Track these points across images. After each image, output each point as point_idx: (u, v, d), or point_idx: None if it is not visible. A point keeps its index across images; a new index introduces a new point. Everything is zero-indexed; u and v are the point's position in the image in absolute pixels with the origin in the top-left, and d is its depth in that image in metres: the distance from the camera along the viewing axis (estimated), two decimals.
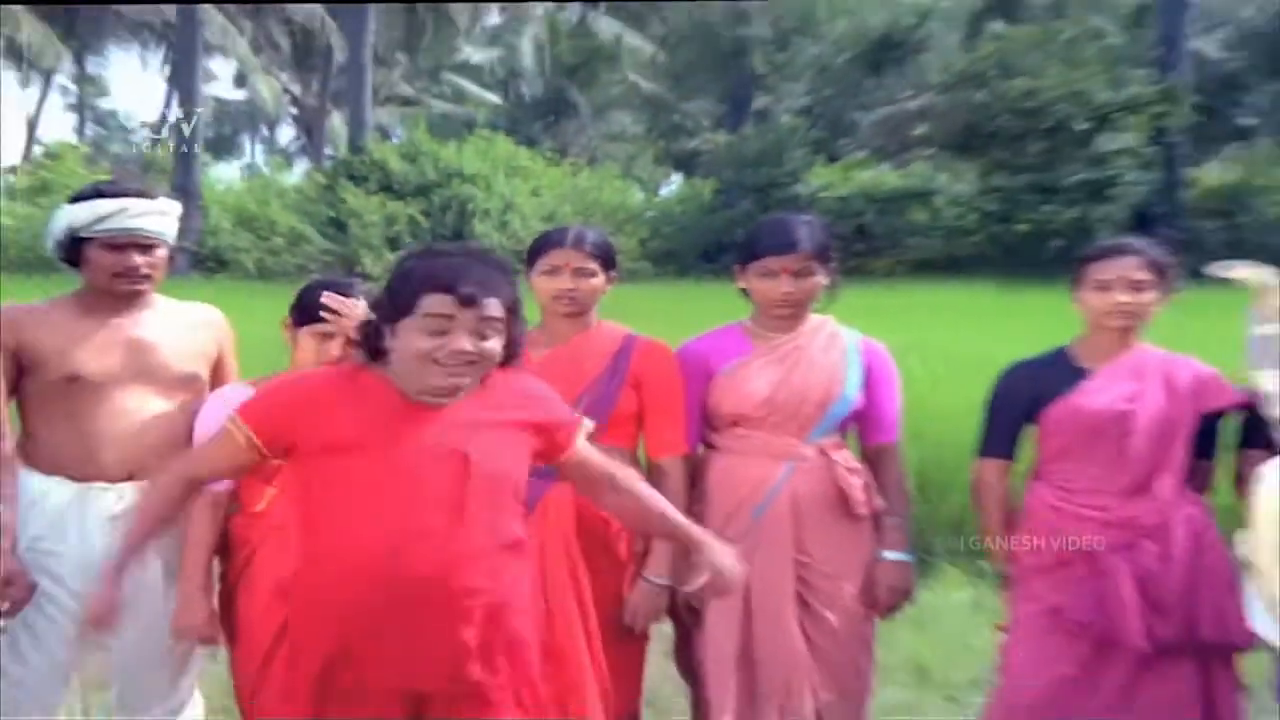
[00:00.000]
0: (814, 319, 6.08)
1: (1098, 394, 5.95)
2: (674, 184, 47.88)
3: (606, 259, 6.01)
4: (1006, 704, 6.01)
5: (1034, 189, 37.19)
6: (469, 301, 4.33)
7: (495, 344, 4.44)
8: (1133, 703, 5.88)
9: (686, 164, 49.86)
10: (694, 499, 5.96)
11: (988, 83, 38.52)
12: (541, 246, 6.03)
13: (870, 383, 6.06)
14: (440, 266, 4.39)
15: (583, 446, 4.85)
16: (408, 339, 4.36)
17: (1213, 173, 45.19)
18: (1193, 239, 33.44)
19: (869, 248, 36.52)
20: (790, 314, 6.01)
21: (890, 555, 6.02)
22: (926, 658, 8.74)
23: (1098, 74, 38.84)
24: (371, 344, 4.48)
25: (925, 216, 39.03)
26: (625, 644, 5.92)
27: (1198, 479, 6.03)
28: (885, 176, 41.51)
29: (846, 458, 6.03)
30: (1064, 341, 6.16)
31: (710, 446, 6.04)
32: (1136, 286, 5.93)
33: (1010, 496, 6.18)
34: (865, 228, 37.57)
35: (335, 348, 5.65)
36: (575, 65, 53.98)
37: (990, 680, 6.42)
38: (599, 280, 5.98)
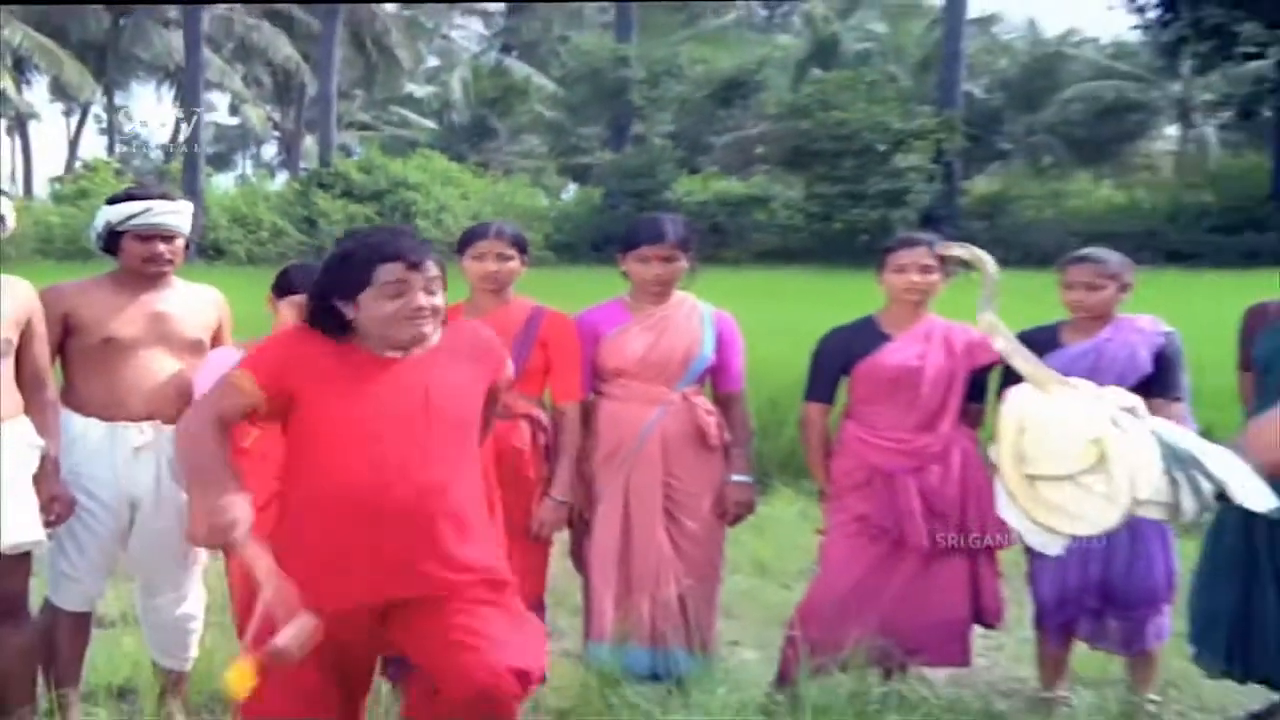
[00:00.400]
0: (678, 295, 6.10)
1: (896, 353, 5.97)
2: (571, 191, 47.78)
3: (521, 247, 6.03)
4: (825, 587, 6.03)
5: (846, 196, 37.39)
6: (417, 265, 4.16)
7: (442, 298, 4.26)
8: (919, 588, 5.93)
9: (581, 175, 49.79)
10: (587, 435, 5.98)
11: (810, 114, 38.65)
12: (470, 237, 6.04)
13: (721, 344, 6.07)
14: (382, 242, 4.22)
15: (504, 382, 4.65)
16: (372, 307, 4.15)
17: (980, 184, 45.59)
18: (966, 236, 33.58)
19: (721, 241, 36.56)
20: (660, 291, 6.02)
21: (737, 478, 6.05)
22: (765, 555, 8.78)
23: (894, 109, 39.10)
24: (334, 322, 4.23)
25: (764, 217, 39.14)
26: (533, 548, 5.90)
27: (970, 418, 6.07)
28: (733, 186, 41.63)
29: (704, 402, 6.05)
30: (870, 313, 6.17)
31: (599, 394, 6.03)
32: (925, 270, 5.95)
33: (829, 431, 6.20)
34: (719, 225, 37.62)
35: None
36: (494, 98, 53.86)
37: (813, 570, 6.44)
38: (515, 264, 5.98)
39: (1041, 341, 5.70)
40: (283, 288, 5.71)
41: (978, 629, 6.15)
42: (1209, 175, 43.37)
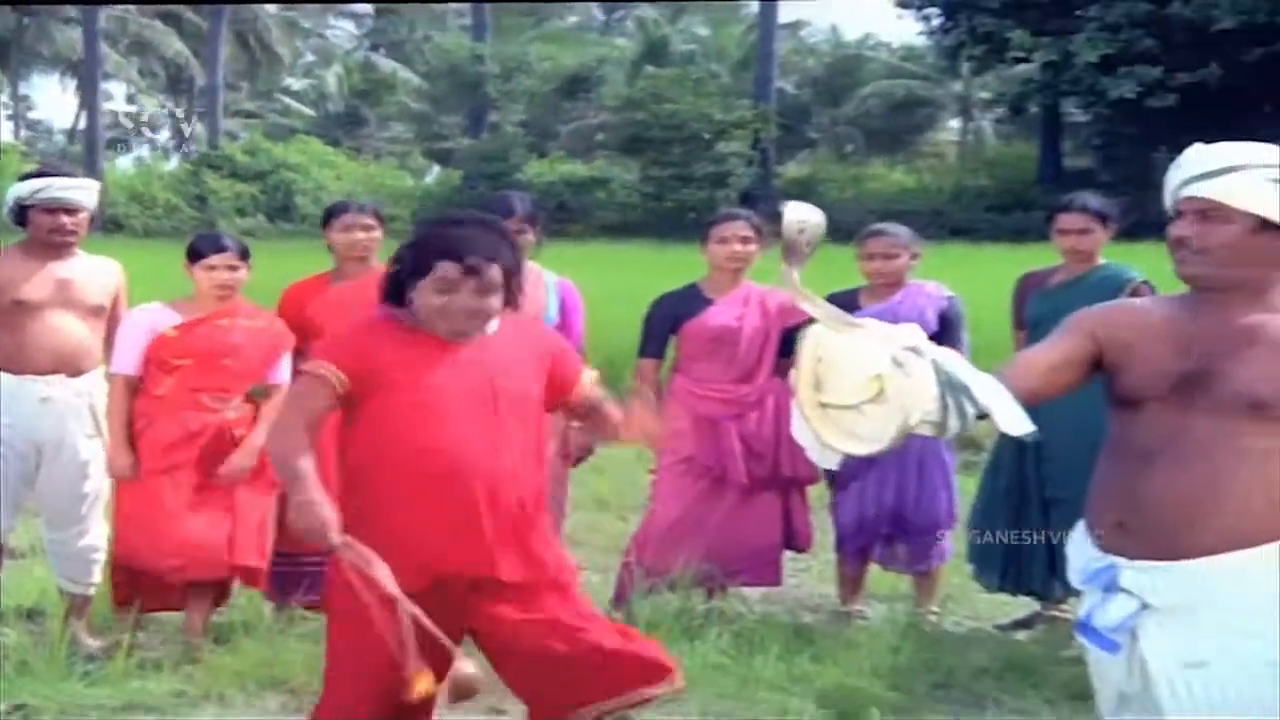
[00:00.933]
0: (527, 264, 6.01)
1: (717, 315, 6.01)
2: (434, 173, 47.26)
3: (380, 219, 6.00)
4: (656, 519, 6.08)
5: (676, 178, 37.43)
6: (472, 270, 3.71)
7: (495, 300, 3.80)
8: (738, 519, 6.00)
9: (443, 159, 49.32)
10: None
11: (644, 106, 38.62)
12: (334, 212, 6.05)
13: (564, 309, 6.05)
14: (453, 237, 3.79)
15: (588, 385, 4.20)
16: (423, 295, 3.76)
17: (791, 169, 45.88)
18: (780, 214, 33.89)
19: (568, 218, 36.43)
20: None
21: (578, 424, 6.04)
22: (604, 492, 8.81)
23: (716, 102, 39.21)
24: (396, 295, 3.84)
25: (605, 196, 39.08)
26: None
27: (782, 371, 6.12)
28: (578, 169, 41.49)
29: None
30: (696, 279, 6.19)
31: None
32: (743, 241, 6.02)
33: (660, 384, 6.22)
34: (565, 204, 37.48)
35: (220, 276, 5.61)
36: (365, 90, 53.20)
37: (647, 505, 6.47)
38: (377, 233, 5.96)
39: (842, 304, 5.70)
40: (192, 255, 5.65)
41: (788, 553, 6.24)
42: (986, 162, 44.10)
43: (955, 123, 55.29)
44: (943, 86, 51.12)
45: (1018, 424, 2.61)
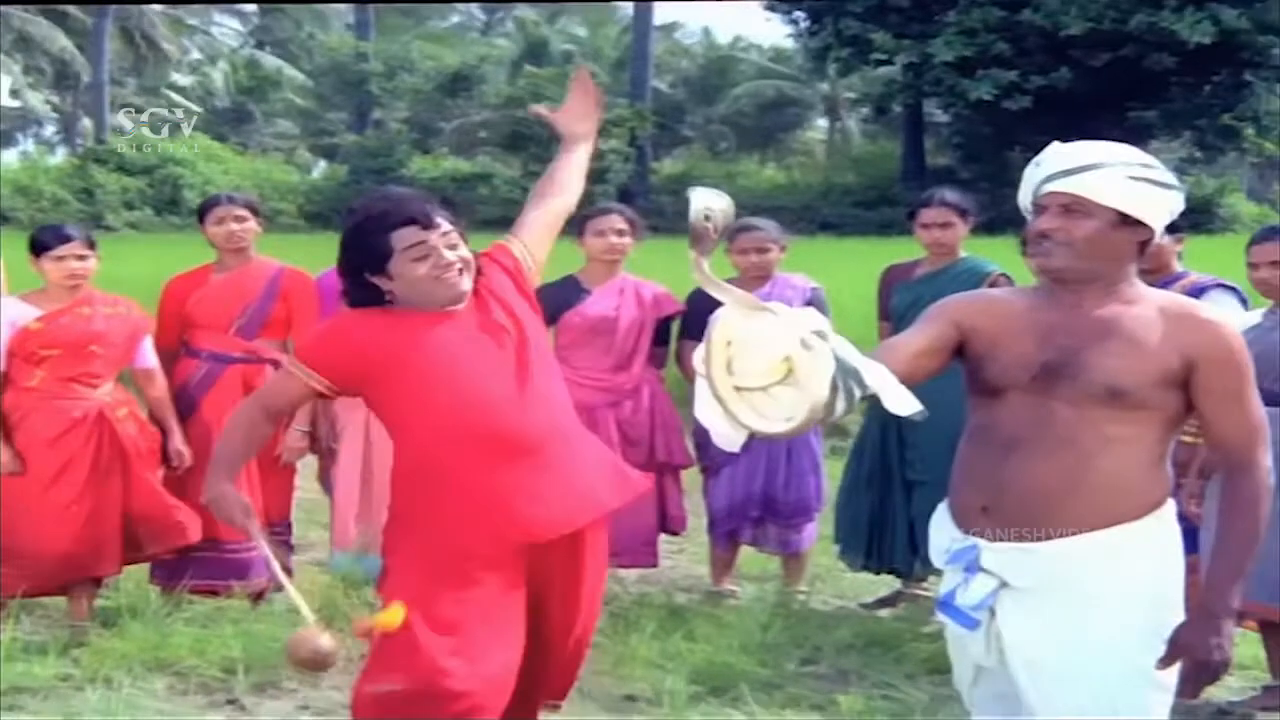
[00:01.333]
0: None
1: (595, 306, 6.01)
2: (320, 168, 46.80)
3: (255, 210, 5.92)
4: None
5: None
6: (431, 224, 3.50)
7: (466, 249, 3.60)
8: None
9: (329, 154, 48.84)
10: None
11: (525, 104, 38.17)
12: (209, 205, 5.96)
13: None
14: (387, 210, 3.57)
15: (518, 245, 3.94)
16: (403, 273, 3.49)
17: (667, 166, 45.97)
18: (656, 209, 34.04)
19: (451, 212, 36.32)
20: None
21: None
22: None
23: None
24: (372, 297, 3.58)
25: (488, 192, 38.77)
26: (281, 473, 5.85)
27: (656, 360, 6.16)
28: (461, 165, 41.21)
29: None
30: (573, 272, 6.18)
31: None
32: (619, 234, 6.04)
33: None
34: (449, 198, 36.91)
35: (69, 266, 5.49)
36: (251, 87, 52.41)
37: None
38: (251, 224, 5.87)
39: (707, 298, 5.79)
40: (36, 248, 5.52)
41: (664, 536, 6.24)
42: (852, 160, 44.45)
43: (823, 122, 55.76)
44: (811, 87, 51.49)
45: (906, 404, 2.62)
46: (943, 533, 2.99)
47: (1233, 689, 4.96)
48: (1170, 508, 2.92)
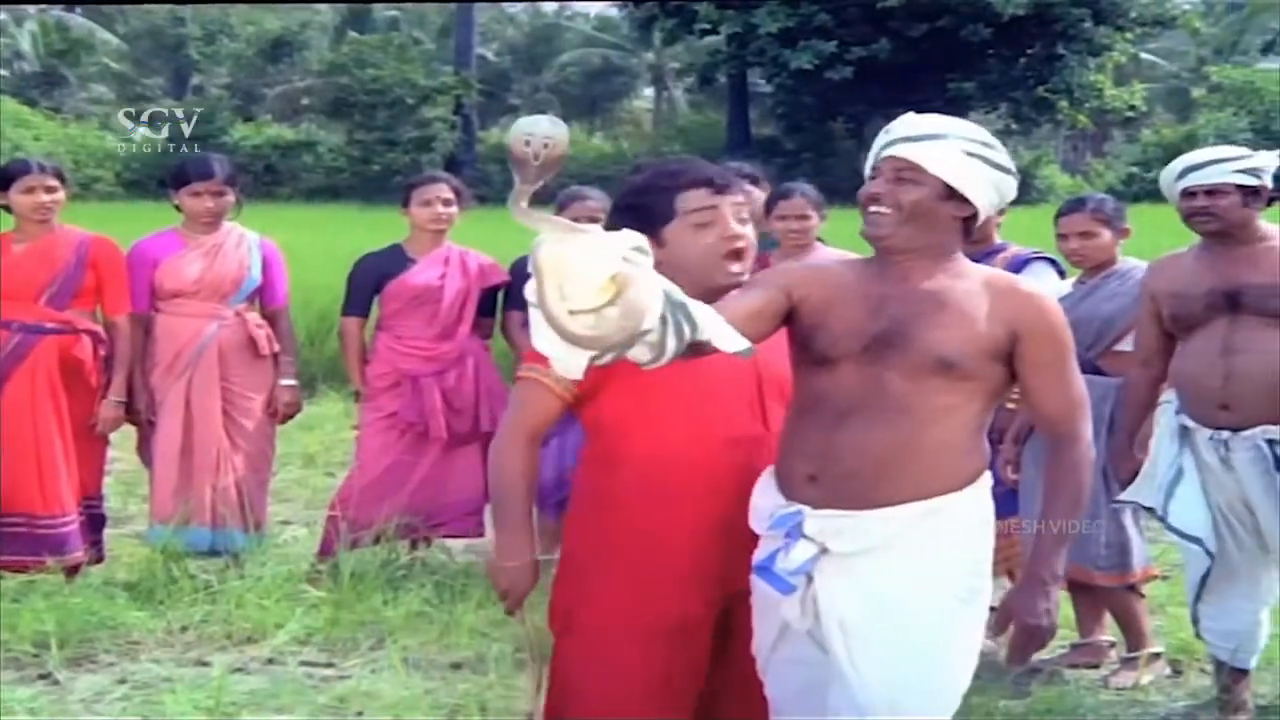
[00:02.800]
0: (228, 225, 5.91)
1: (420, 274, 5.98)
2: (138, 133, 45.71)
3: (63, 179, 5.71)
4: (360, 474, 6.01)
5: (382, 142, 36.92)
6: (725, 189, 3.07)
7: (753, 231, 3.10)
8: (441, 473, 6.00)
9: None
10: (148, 345, 5.77)
11: (349, 71, 37.92)
12: (16, 173, 5.68)
13: (267, 267, 5.93)
14: (681, 169, 3.13)
15: None
16: (680, 243, 3.03)
17: (494, 134, 45.58)
18: (483, 178, 33.90)
19: (275, 180, 35.66)
20: (211, 222, 5.82)
21: (285, 382, 5.94)
22: (313, 448, 8.65)
23: (419, 68, 38.81)
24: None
25: (312, 160, 38.21)
26: (94, 445, 5.72)
27: (482, 330, 6.15)
28: (284, 132, 40.50)
29: (255, 318, 5.89)
30: (400, 240, 6.13)
31: (159, 312, 5.79)
32: (445, 203, 6.01)
33: (364, 341, 6.15)
34: (272, 166, 36.60)
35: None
36: (62, 50, 50.87)
37: (351, 459, 6.41)
38: (60, 194, 5.65)
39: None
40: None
41: (489, 505, 6.22)
42: (679, 130, 44.68)
43: (649, 91, 55.98)
44: (637, 56, 51.68)
45: (735, 342, 2.58)
46: (767, 498, 3.00)
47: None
48: (987, 477, 2.97)
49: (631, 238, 2.51)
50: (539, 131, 2.57)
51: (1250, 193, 4.34)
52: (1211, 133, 32.47)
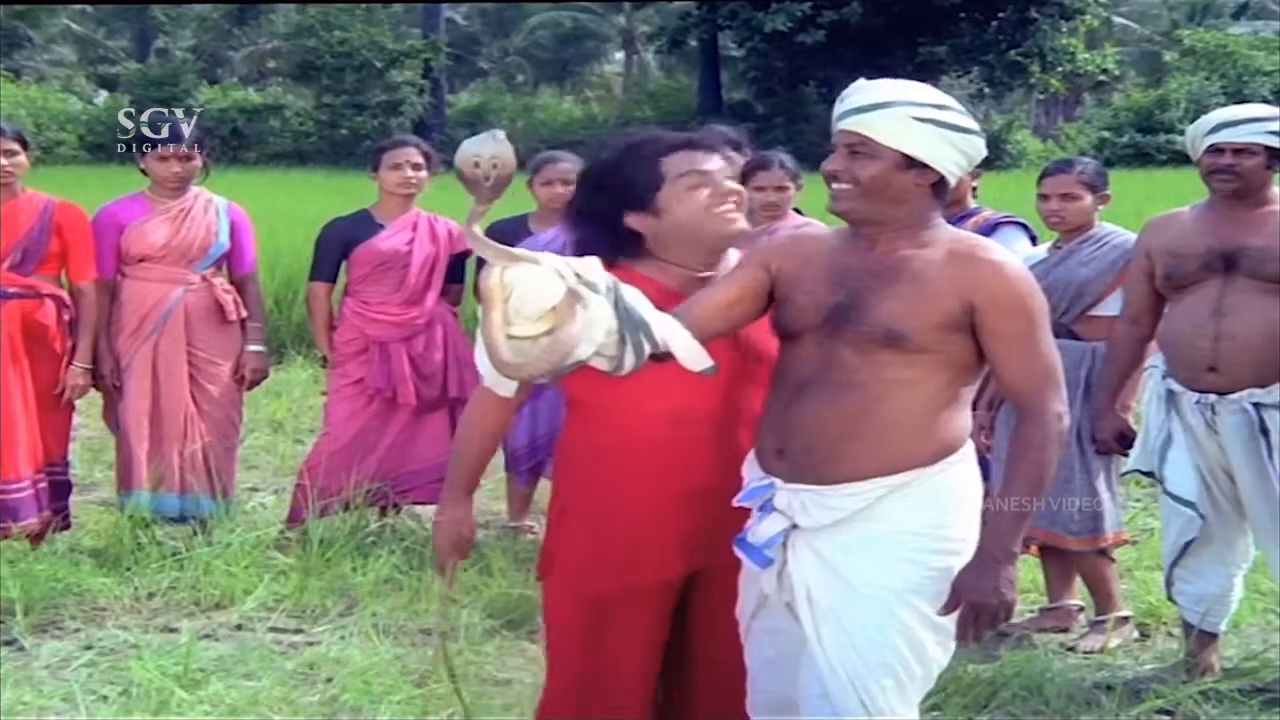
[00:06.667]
0: (194, 189, 5.87)
1: (387, 240, 5.97)
2: (102, 97, 45.19)
3: (24, 143, 5.62)
4: (329, 440, 6.01)
5: (350, 106, 36.77)
6: (711, 148, 3.08)
7: (743, 190, 3.08)
8: (409, 439, 6.02)
9: (110, 84, 47.24)
10: (116, 312, 5.73)
11: (316, 34, 37.71)
12: None
13: (234, 232, 5.91)
14: (655, 137, 3.14)
15: None
16: (676, 205, 3.02)
17: (464, 99, 45.62)
18: (451, 143, 33.76)
19: (241, 144, 35.44)
20: (178, 185, 5.79)
21: (252, 348, 5.92)
22: (281, 415, 8.62)
23: (387, 31, 38.57)
24: (632, 244, 3.06)
25: (279, 124, 37.99)
26: (58, 412, 5.67)
27: (451, 296, 6.16)
28: (251, 96, 40.23)
29: (222, 283, 5.87)
30: (369, 205, 6.12)
31: (125, 277, 5.76)
32: (414, 167, 6.00)
33: (331, 307, 6.14)
34: (239, 130, 36.35)
35: None
36: (23, 11, 50.40)
37: (319, 426, 6.40)
38: (22, 159, 5.56)
39: (512, 231, 5.76)
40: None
41: None
42: (649, 94, 44.60)
43: (620, 55, 55.76)
44: (607, 20, 51.45)
45: (698, 360, 2.66)
46: (750, 471, 3.01)
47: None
48: (965, 453, 2.92)
49: (583, 264, 2.56)
50: (486, 152, 2.61)
51: (1275, 154, 4.33)
52: (1183, 97, 32.64)
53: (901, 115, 2.84)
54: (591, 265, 2.60)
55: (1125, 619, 5.03)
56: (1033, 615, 5.14)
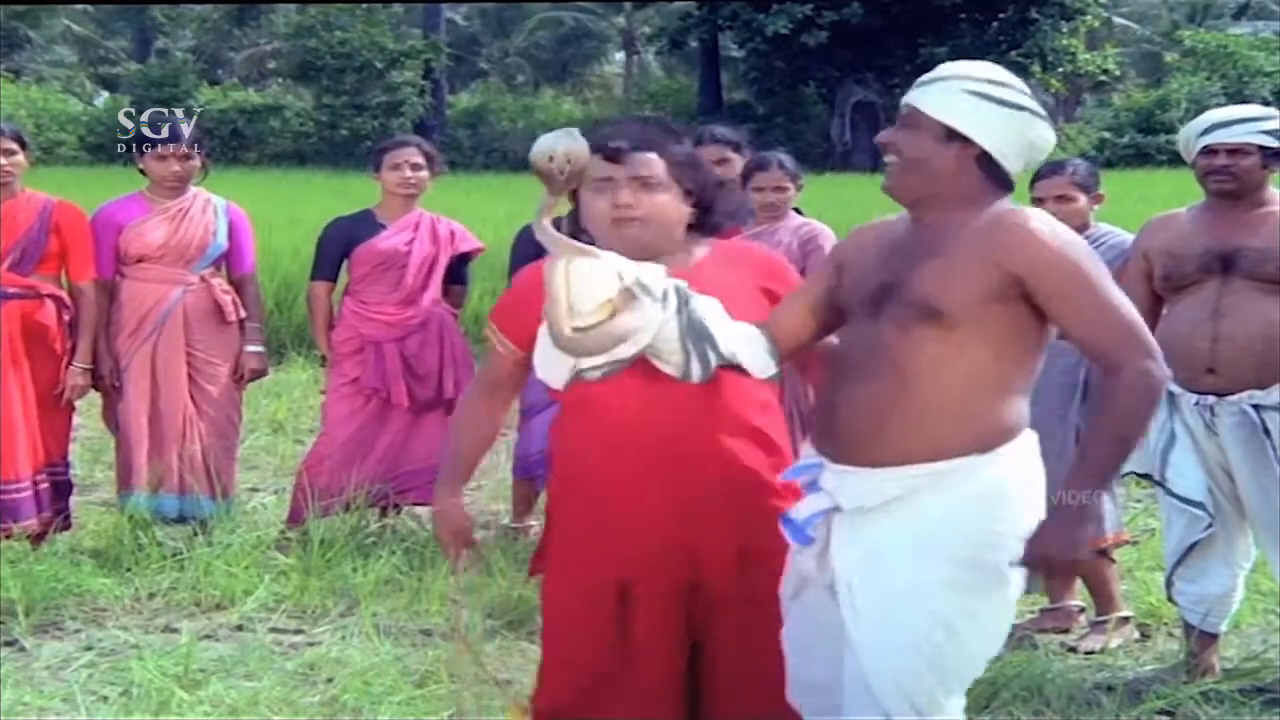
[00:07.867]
0: (194, 189, 5.89)
1: (387, 239, 5.99)
2: (103, 98, 45.23)
3: (23, 143, 5.64)
4: (327, 440, 6.04)
5: (350, 107, 36.77)
6: (616, 157, 2.99)
7: (662, 199, 3.02)
8: (406, 439, 6.04)
9: (110, 84, 47.30)
10: (113, 311, 5.74)
11: (316, 34, 37.72)
12: None
13: (233, 232, 5.92)
14: (596, 135, 3.03)
15: None
16: (586, 207, 3.03)
17: (464, 99, 45.60)
18: (452, 143, 33.85)
19: (241, 145, 35.48)
20: (177, 185, 5.81)
21: (251, 348, 5.93)
22: (281, 415, 8.60)
23: (387, 32, 38.58)
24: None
25: (279, 124, 38.02)
26: (58, 412, 5.67)
27: (451, 298, 6.18)
28: (251, 96, 40.26)
29: (221, 283, 5.88)
30: (371, 205, 6.14)
31: (124, 277, 5.77)
32: (414, 167, 6.01)
33: (331, 307, 6.15)
34: (238, 131, 36.40)
35: None
36: (22, 11, 50.38)
37: (319, 426, 6.40)
38: (20, 158, 5.59)
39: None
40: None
41: None
42: (649, 94, 44.57)
43: (620, 55, 55.74)
44: (607, 20, 51.43)
45: (764, 369, 2.77)
46: (806, 452, 3.01)
47: None
48: (1021, 445, 2.83)
49: (643, 270, 2.71)
50: (560, 147, 2.79)
51: (1271, 154, 4.33)
52: (1184, 97, 32.60)
53: (953, 88, 2.84)
54: (655, 272, 2.72)
55: (1126, 619, 5.03)
56: (1033, 616, 5.14)
